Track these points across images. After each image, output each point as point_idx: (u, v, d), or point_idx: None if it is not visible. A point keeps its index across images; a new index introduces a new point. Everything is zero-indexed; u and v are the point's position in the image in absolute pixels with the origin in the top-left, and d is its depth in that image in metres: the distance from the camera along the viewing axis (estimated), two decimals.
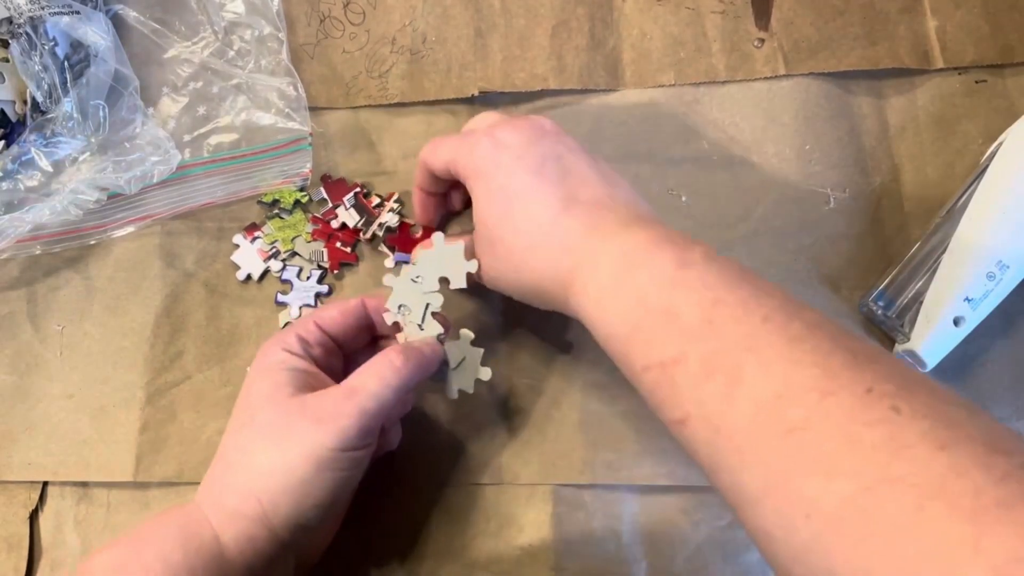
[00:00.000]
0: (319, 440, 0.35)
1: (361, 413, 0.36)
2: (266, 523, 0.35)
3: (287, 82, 0.51)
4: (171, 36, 0.52)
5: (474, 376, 0.42)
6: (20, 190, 0.48)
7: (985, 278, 0.43)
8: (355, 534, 0.46)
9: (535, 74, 0.51)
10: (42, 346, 0.50)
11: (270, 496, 0.35)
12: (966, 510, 0.23)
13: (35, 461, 0.48)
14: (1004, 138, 0.45)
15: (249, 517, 0.35)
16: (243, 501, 0.36)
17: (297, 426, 0.36)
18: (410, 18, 0.53)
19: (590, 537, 0.45)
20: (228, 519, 0.35)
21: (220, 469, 0.38)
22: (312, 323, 0.41)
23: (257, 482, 0.36)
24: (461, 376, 0.42)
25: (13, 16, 0.47)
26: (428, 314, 0.41)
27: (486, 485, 0.46)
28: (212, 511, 0.36)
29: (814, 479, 0.26)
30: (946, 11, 0.50)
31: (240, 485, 0.36)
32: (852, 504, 0.24)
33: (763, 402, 0.28)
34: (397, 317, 0.41)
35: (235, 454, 0.37)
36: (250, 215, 0.51)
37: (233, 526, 0.35)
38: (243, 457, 0.37)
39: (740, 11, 0.52)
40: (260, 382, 0.38)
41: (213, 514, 0.36)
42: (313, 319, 0.41)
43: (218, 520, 0.36)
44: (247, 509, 0.35)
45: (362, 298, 0.42)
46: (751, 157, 0.50)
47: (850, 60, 0.50)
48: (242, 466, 0.37)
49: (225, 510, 0.36)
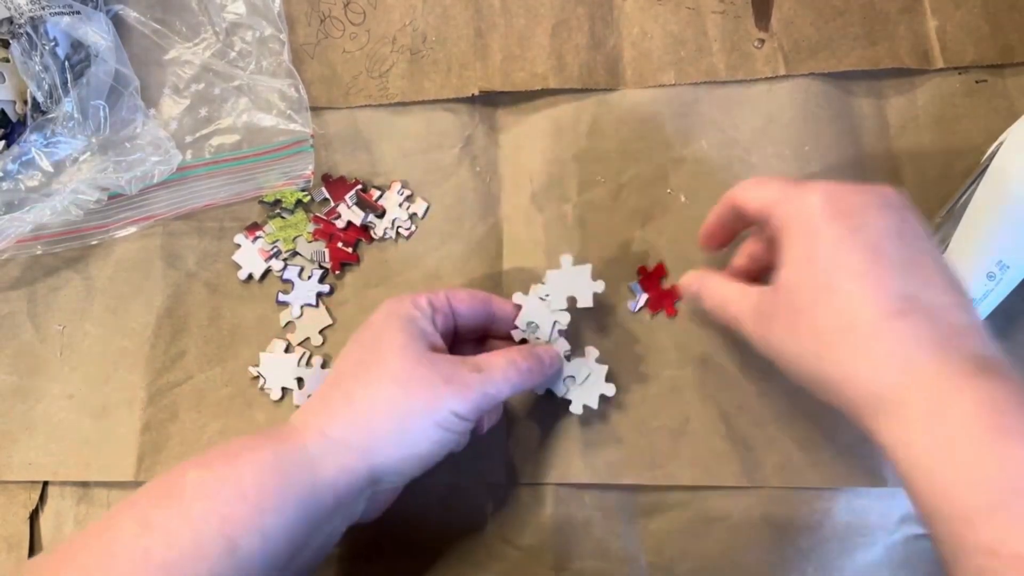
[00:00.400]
0: (443, 399, 0.37)
1: (483, 390, 0.38)
2: (367, 459, 0.36)
3: (288, 83, 0.51)
4: (172, 37, 0.52)
5: (599, 392, 0.44)
6: (21, 190, 0.48)
7: (985, 278, 0.43)
8: (355, 534, 0.46)
9: (535, 73, 0.51)
10: (42, 346, 0.50)
11: (381, 436, 0.36)
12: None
13: (35, 461, 0.48)
14: (1004, 138, 0.45)
15: (354, 449, 0.36)
16: (354, 433, 0.36)
17: (426, 378, 0.37)
18: (410, 18, 0.53)
19: (590, 537, 0.45)
20: (332, 447, 0.36)
21: (333, 398, 0.38)
22: (444, 295, 0.42)
23: (372, 419, 0.37)
24: (586, 392, 0.44)
25: (14, 16, 0.47)
26: (555, 331, 0.43)
27: (486, 485, 0.46)
28: (314, 437, 0.36)
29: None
30: (946, 11, 0.50)
31: (352, 417, 0.37)
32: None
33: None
34: (526, 334, 0.43)
35: (352, 386, 0.38)
36: (251, 215, 0.51)
37: (335, 454, 0.36)
38: (361, 393, 0.37)
39: (740, 11, 0.52)
40: (392, 330, 0.39)
41: (315, 441, 0.36)
42: (446, 292, 0.42)
43: (320, 448, 0.36)
44: (356, 441, 0.36)
45: (490, 295, 0.44)
46: (751, 157, 0.50)
47: (850, 60, 0.50)
48: (359, 401, 0.37)
49: (331, 438, 0.36)
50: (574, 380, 0.44)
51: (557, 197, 0.50)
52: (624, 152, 0.50)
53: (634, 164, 0.50)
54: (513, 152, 0.51)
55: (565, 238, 0.49)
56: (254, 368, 0.48)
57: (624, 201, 0.50)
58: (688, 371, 0.46)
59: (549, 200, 0.50)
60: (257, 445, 0.36)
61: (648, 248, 0.49)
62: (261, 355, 0.49)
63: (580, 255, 0.49)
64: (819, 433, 0.45)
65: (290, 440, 0.36)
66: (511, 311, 0.44)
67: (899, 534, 0.44)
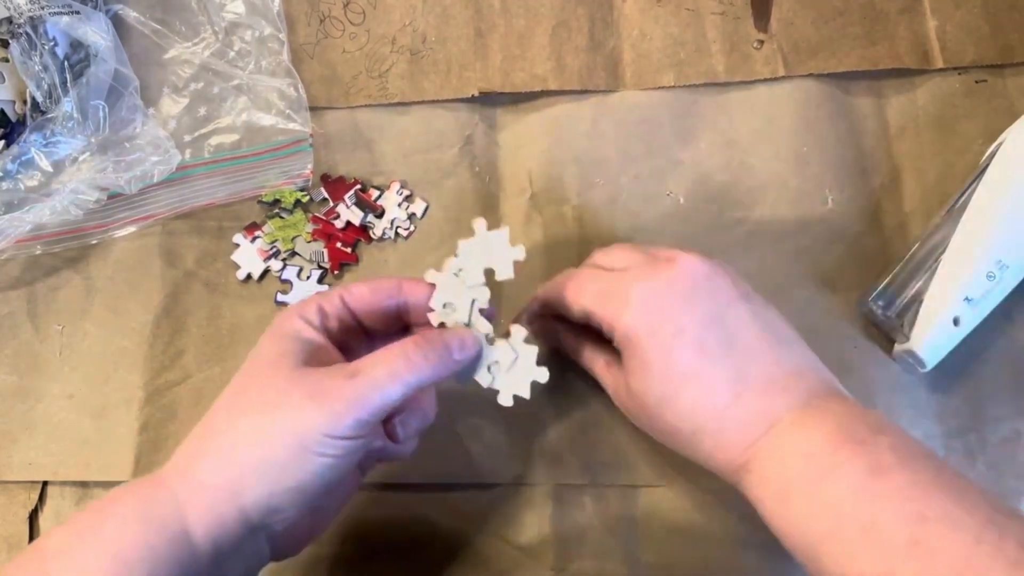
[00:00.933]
0: (307, 419, 0.32)
1: (359, 401, 0.32)
2: (236, 501, 0.32)
3: (288, 83, 0.51)
4: (171, 36, 0.52)
5: (529, 379, 0.38)
6: (20, 190, 0.48)
7: (985, 278, 0.43)
8: (355, 534, 0.46)
9: (535, 74, 0.51)
10: (42, 346, 0.50)
11: (244, 471, 0.32)
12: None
13: (35, 461, 0.48)
14: (1004, 138, 0.45)
15: (220, 491, 0.32)
16: (216, 473, 0.32)
17: (289, 398, 0.33)
18: (410, 18, 0.53)
19: (590, 537, 0.45)
20: (196, 491, 0.32)
21: (199, 435, 0.34)
22: (337, 296, 0.37)
23: (233, 453, 0.33)
24: (514, 379, 0.38)
25: (13, 16, 0.47)
26: (475, 311, 0.37)
27: (486, 485, 0.46)
28: (181, 482, 0.33)
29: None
30: (946, 11, 0.50)
31: (215, 454, 0.33)
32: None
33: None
34: (442, 317, 0.37)
35: (218, 420, 0.34)
36: (250, 214, 0.51)
37: (201, 500, 0.32)
38: (226, 425, 0.34)
39: (740, 12, 0.52)
40: (267, 348, 0.35)
41: (181, 485, 0.33)
42: (340, 292, 0.37)
43: (186, 492, 0.32)
44: (220, 482, 0.32)
45: (399, 279, 0.38)
46: (750, 159, 0.50)
47: (850, 60, 0.50)
48: (222, 434, 0.33)
49: (194, 481, 0.32)
50: (500, 366, 0.37)
51: (556, 198, 0.50)
52: (623, 153, 0.50)
53: (633, 165, 0.50)
54: (512, 152, 0.51)
55: (564, 239, 0.49)
56: None
57: (623, 202, 0.50)
58: None
59: (548, 201, 0.50)
60: (122, 497, 0.33)
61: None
62: None
63: (579, 255, 0.49)
64: None
65: (159, 487, 0.33)
66: (425, 293, 0.38)
67: None
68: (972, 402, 0.45)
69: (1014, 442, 0.44)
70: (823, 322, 0.47)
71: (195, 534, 0.32)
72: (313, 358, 0.35)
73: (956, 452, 0.45)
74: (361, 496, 0.42)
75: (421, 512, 0.46)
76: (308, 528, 0.38)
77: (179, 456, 0.34)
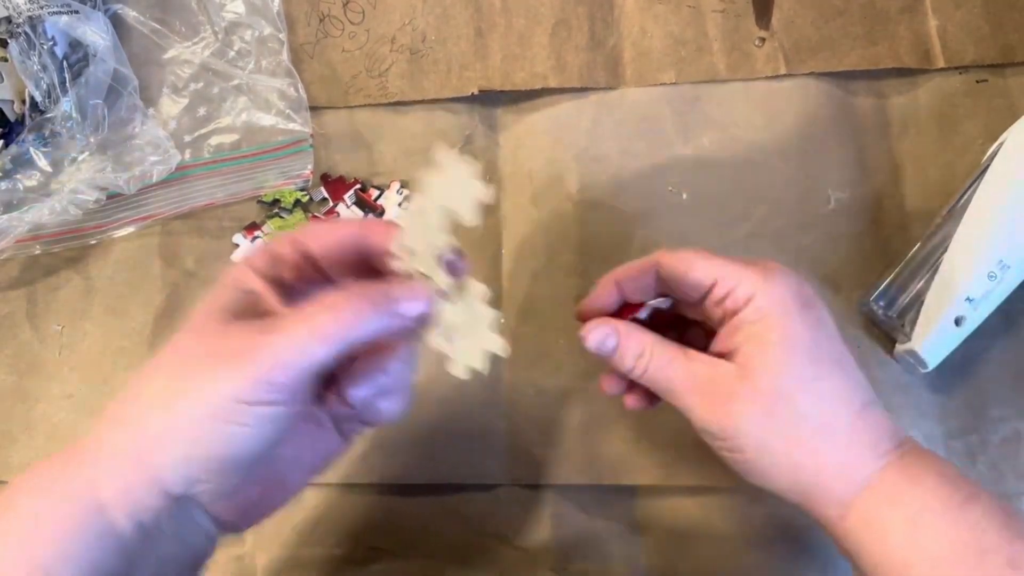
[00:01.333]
0: (216, 383, 0.28)
1: (272, 360, 0.28)
2: (150, 472, 0.28)
3: (287, 83, 0.51)
4: (171, 36, 0.52)
5: (485, 349, 0.32)
6: (19, 190, 0.48)
7: (986, 278, 0.43)
8: (355, 534, 0.46)
9: (535, 73, 0.51)
10: (42, 346, 0.50)
11: (153, 439, 0.28)
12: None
13: (35, 461, 0.48)
14: (1005, 138, 0.45)
15: (130, 461, 0.28)
16: (127, 441, 0.29)
17: (202, 361, 0.29)
18: (410, 17, 0.53)
19: (590, 537, 0.45)
20: (109, 459, 0.29)
21: (120, 399, 0.30)
22: (288, 238, 0.32)
23: (143, 420, 0.29)
24: (468, 347, 0.32)
25: (12, 16, 0.47)
26: (442, 261, 0.31)
27: (486, 485, 0.46)
28: (95, 453, 0.29)
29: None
30: (947, 11, 0.50)
31: (126, 422, 0.29)
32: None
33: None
34: (401, 263, 0.31)
35: (138, 383, 0.30)
36: (250, 214, 0.51)
37: (115, 472, 0.28)
38: (140, 388, 0.30)
39: (741, 10, 0.52)
40: (206, 300, 0.31)
41: (94, 453, 0.29)
42: (292, 234, 0.32)
43: (98, 460, 0.29)
44: (130, 451, 0.28)
45: (363, 222, 0.34)
46: (751, 156, 0.49)
47: (851, 60, 0.50)
48: (135, 399, 0.30)
49: (107, 451, 0.29)
50: (455, 330, 0.31)
51: (557, 196, 0.50)
52: (625, 150, 0.50)
53: (635, 162, 0.50)
54: (513, 151, 0.51)
55: (565, 237, 0.49)
56: None
57: (624, 200, 0.50)
58: None
59: (549, 199, 0.50)
60: (34, 472, 0.30)
61: (649, 247, 0.49)
62: None
63: (581, 254, 0.49)
64: None
65: (71, 458, 0.29)
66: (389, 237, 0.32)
67: None
68: (973, 402, 0.45)
69: (1015, 442, 0.44)
70: None
71: (112, 509, 0.28)
72: (249, 310, 0.31)
73: (957, 452, 0.45)
74: (361, 496, 0.42)
75: (421, 512, 0.46)
76: (257, 499, 0.33)
77: (97, 424, 0.30)
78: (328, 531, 0.46)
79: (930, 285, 0.43)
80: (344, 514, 0.46)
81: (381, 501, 0.46)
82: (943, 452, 0.45)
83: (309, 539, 0.46)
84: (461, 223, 0.31)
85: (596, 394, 0.46)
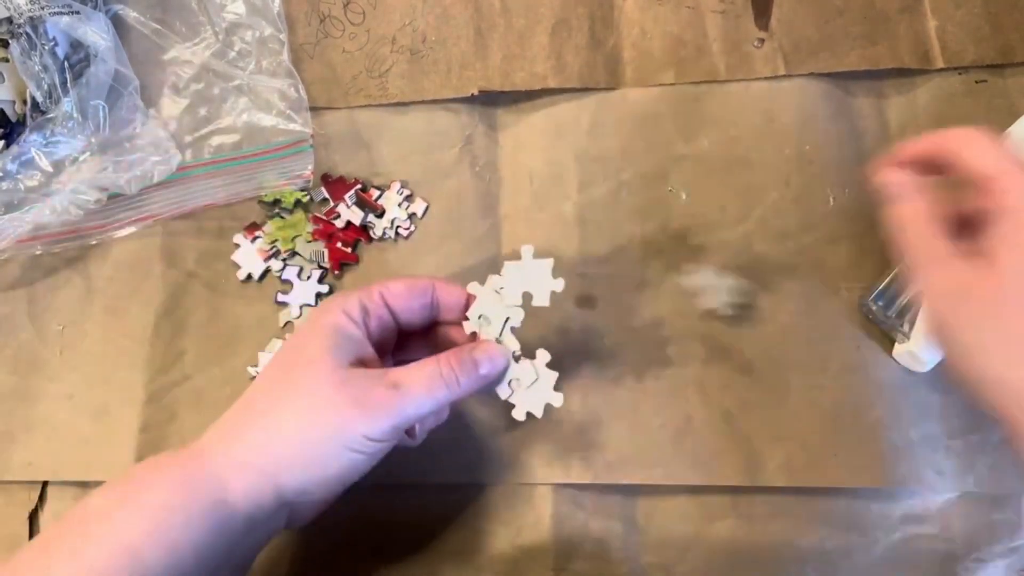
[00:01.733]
0: (352, 423, 0.35)
1: (400, 413, 0.36)
2: (274, 481, 0.35)
3: (288, 83, 0.51)
4: (171, 37, 0.52)
5: (544, 400, 0.40)
6: (20, 190, 0.48)
7: None
8: (356, 534, 0.46)
9: (535, 73, 0.51)
10: (42, 346, 0.50)
11: (286, 459, 0.36)
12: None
13: (35, 461, 0.48)
14: (1003, 139, 0.45)
15: (260, 471, 0.35)
16: (259, 455, 0.36)
17: (334, 401, 0.35)
18: (410, 18, 0.53)
19: (590, 537, 0.45)
20: (238, 468, 0.35)
21: (242, 418, 0.37)
22: (377, 293, 0.39)
23: (278, 442, 0.36)
24: (530, 398, 0.40)
25: (13, 16, 0.47)
26: (507, 329, 0.40)
27: (486, 485, 0.46)
28: (220, 459, 0.36)
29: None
30: (946, 11, 0.50)
31: (260, 440, 0.36)
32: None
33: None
34: (476, 327, 0.40)
35: (263, 406, 0.37)
36: (251, 215, 0.51)
37: (242, 476, 0.35)
38: (270, 413, 0.37)
39: (740, 11, 0.52)
40: (311, 341, 0.37)
41: (221, 460, 0.36)
42: (379, 289, 0.39)
43: (226, 468, 0.35)
44: (261, 464, 0.35)
45: (433, 279, 0.41)
46: (751, 157, 0.50)
47: (850, 60, 0.50)
48: (267, 421, 0.36)
49: (235, 460, 0.36)
50: (520, 383, 0.40)
51: (557, 196, 0.50)
52: (624, 151, 0.50)
53: (634, 162, 0.50)
54: (513, 152, 0.51)
55: (565, 237, 0.49)
56: (253, 368, 0.48)
57: (624, 200, 0.50)
58: (689, 370, 0.46)
59: (549, 199, 0.50)
60: (161, 465, 0.36)
61: (649, 247, 0.49)
62: (260, 355, 0.49)
63: (581, 254, 0.49)
64: (820, 434, 0.45)
65: (195, 460, 0.36)
66: (457, 298, 0.40)
67: (899, 534, 0.44)
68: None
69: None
70: (824, 321, 0.47)
71: (234, 504, 0.35)
72: (355, 356, 0.37)
73: (957, 452, 0.45)
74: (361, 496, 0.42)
75: (421, 512, 0.46)
76: (322, 504, 0.40)
77: (215, 433, 0.37)
78: (328, 531, 0.46)
79: None
80: (344, 514, 0.46)
81: (381, 500, 0.46)
82: (943, 452, 0.45)
83: (309, 538, 0.46)
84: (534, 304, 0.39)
85: (596, 394, 0.46)
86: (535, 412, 0.40)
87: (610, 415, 0.46)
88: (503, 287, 0.40)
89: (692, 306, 0.47)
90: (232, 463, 0.35)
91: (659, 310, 0.48)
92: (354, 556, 0.46)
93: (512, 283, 0.40)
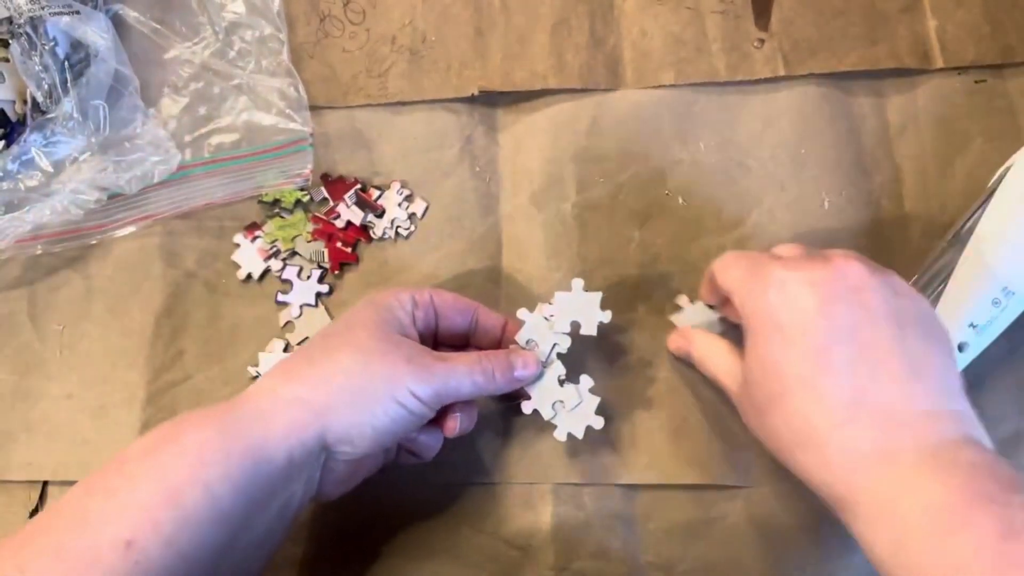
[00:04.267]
0: (402, 376, 0.37)
1: (445, 380, 0.38)
2: (320, 420, 0.36)
3: (288, 83, 0.51)
4: (171, 36, 0.52)
5: (586, 423, 0.42)
6: (20, 190, 0.48)
7: (990, 304, 0.42)
8: (355, 533, 0.46)
9: (535, 73, 0.51)
10: (42, 346, 0.50)
11: (336, 398, 0.36)
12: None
13: (35, 461, 0.48)
14: (1012, 162, 0.44)
15: (308, 405, 0.36)
16: (310, 391, 0.37)
17: (387, 354, 0.37)
18: (410, 17, 0.53)
19: (590, 537, 0.45)
20: (285, 404, 0.36)
21: (294, 364, 0.39)
22: (427, 292, 0.42)
23: (332, 380, 0.37)
24: (574, 420, 0.42)
25: (13, 16, 0.47)
26: (554, 354, 0.42)
27: (486, 484, 0.46)
28: (267, 395, 0.37)
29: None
30: (946, 11, 0.50)
31: (312, 379, 0.37)
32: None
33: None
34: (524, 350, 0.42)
35: (317, 355, 0.38)
36: (251, 214, 0.51)
37: (287, 412, 0.36)
38: (324, 359, 0.38)
39: (740, 11, 0.52)
40: (366, 311, 0.40)
41: (268, 398, 0.36)
42: (429, 290, 0.42)
43: (271, 404, 0.36)
44: (311, 398, 0.36)
45: (477, 303, 0.44)
46: (748, 160, 0.50)
47: (850, 60, 0.50)
48: (321, 365, 0.38)
49: (283, 397, 0.36)
50: (563, 406, 0.42)
51: (556, 197, 0.50)
52: (623, 152, 0.50)
53: (633, 164, 0.50)
54: (513, 152, 0.51)
55: (564, 237, 0.49)
56: (253, 368, 0.48)
57: (622, 201, 0.50)
58: (686, 370, 0.46)
59: (548, 200, 0.50)
60: (199, 413, 0.36)
61: (646, 249, 0.49)
62: (260, 355, 0.49)
63: (580, 254, 0.49)
64: None
65: (239, 402, 0.36)
66: (495, 323, 0.44)
67: None
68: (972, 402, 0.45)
69: (1015, 442, 0.44)
70: None
71: (273, 440, 0.35)
72: (404, 334, 0.40)
73: None
74: (361, 496, 0.42)
75: (421, 512, 0.46)
76: (349, 477, 0.40)
77: (265, 380, 0.38)
78: (328, 530, 0.46)
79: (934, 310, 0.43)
80: (344, 513, 0.46)
81: (381, 500, 0.46)
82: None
83: (309, 538, 0.46)
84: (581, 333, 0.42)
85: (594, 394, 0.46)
86: (576, 434, 0.42)
87: (610, 415, 0.46)
88: (553, 315, 0.42)
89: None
90: (280, 400, 0.36)
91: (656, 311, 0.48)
92: (354, 555, 0.46)
93: (563, 312, 0.42)
